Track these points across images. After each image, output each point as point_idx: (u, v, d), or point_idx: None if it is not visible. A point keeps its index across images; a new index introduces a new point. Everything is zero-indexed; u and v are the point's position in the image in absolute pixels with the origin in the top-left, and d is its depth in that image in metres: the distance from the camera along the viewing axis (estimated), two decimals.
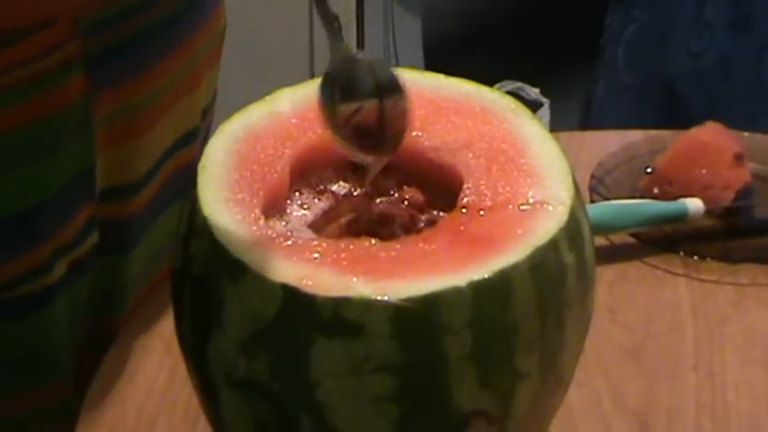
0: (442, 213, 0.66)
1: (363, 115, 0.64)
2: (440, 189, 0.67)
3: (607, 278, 0.89)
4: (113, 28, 0.77)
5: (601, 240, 0.91)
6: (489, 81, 0.72)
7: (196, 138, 0.90)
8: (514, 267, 0.59)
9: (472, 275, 0.58)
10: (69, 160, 0.77)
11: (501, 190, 0.64)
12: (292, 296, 0.58)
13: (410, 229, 0.66)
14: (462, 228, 0.62)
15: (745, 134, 1.02)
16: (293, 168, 0.67)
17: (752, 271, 0.90)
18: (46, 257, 0.77)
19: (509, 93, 1.79)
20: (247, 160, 0.66)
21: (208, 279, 0.61)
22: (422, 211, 0.67)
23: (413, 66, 1.56)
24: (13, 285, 0.77)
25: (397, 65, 0.75)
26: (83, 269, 0.82)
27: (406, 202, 0.67)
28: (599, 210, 0.90)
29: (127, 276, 0.86)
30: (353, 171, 0.69)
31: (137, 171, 0.83)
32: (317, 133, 0.67)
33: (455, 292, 0.58)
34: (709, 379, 0.80)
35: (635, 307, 0.87)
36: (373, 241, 0.62)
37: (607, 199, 0.94)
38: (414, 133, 0.67)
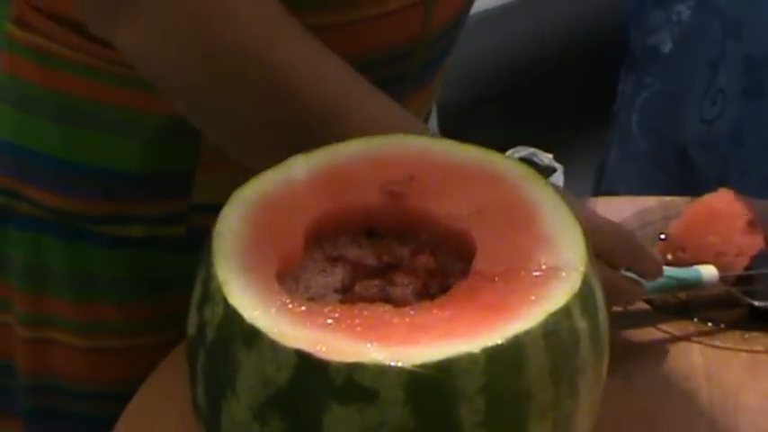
0: (455, 279, 0.67)
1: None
2: (453, 255, 0.68)
3: (621, 344, 0.88)
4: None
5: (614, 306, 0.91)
6: (502, 147, 0.72)
7: None
8: (528, 334, 0.59)
9: (485, 341, 0.58)
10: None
11: (514, 256, 0.64)
12: (306, 362, 0.58)
13: (424, 295, 0.66)
14: (475, 294, 0.62)
15: (759, 201, 1.02)
16: (307, 235, 0.67)
17: (767, 338, 0.89)
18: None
19: (522, 159, 1.80)
20: (262, 227, 0.66)
21: (222, 344, 0.61)
22: (435, 278, 0.67)
23: None
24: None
25: None
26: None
27: (419, 269, 0.68)
28: None
29: None
30: (367, 237, 0.69)
31: None
32: (331, 200, 0.68)
33: (469, 359, 0.58)
34: None
35: (649, 373, 0.86)
36: (387, 307, 0.62)
37: None
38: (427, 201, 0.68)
